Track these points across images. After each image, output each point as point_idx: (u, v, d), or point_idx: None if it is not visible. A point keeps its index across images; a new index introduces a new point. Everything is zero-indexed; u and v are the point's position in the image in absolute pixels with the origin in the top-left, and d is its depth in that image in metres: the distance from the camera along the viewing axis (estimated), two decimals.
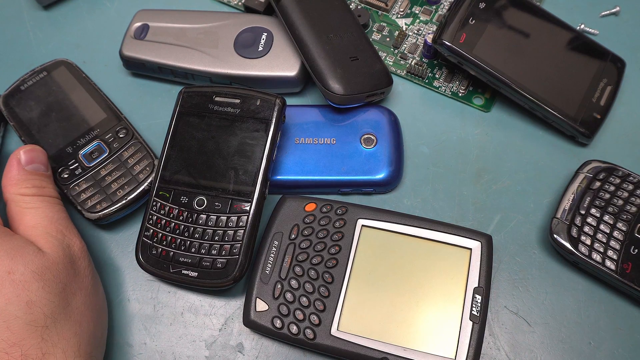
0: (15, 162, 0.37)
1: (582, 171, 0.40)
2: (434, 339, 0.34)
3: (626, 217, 0.38)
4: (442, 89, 0.46)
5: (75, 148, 0.41)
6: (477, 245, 0.37)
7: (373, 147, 0.41)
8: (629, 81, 0.46)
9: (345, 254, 0.37)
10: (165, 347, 0.38)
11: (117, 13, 0.51)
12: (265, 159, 0.37)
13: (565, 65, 0.43)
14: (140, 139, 0.42)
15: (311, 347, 0.35)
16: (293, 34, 0.43)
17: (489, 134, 0.44)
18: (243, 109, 0.39)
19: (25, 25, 0.50)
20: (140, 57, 0.45)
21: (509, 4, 0.44)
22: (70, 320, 0.32)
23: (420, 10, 0.49)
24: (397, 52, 0.47)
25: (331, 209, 0.38)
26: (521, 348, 0.37)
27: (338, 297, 0.36)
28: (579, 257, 0.37)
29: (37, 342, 0.30)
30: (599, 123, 0.43)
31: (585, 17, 0.49)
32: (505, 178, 0.43)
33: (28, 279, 0.31)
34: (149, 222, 0.38)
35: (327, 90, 0.41)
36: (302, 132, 0.42)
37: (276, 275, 0.37)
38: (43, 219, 0.35)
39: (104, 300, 0.37)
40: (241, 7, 0.50)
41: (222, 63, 0.44)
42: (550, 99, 0.42)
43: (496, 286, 0.39)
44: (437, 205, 0.42)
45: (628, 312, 0.38)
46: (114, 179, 0.40)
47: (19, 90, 0.43)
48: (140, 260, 0.38)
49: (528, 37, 0.43)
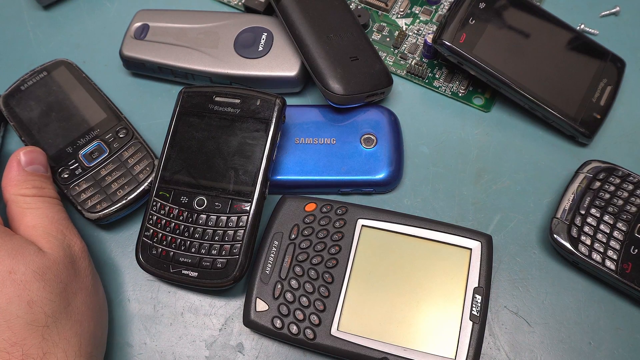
0: (15, 163, 0.37)
1: (582, 171, 0.40)
2: (434, 339, 0.35)
3: (626, 217, 0.38)
4: (442, 89, 0.46)
5: (75, 148, 0.41)
6: (477, 245, 0.37)
7: (373, 147, 0.41)
8: (629, 81, 0.46)
9: (345, 254, 0.37)
10: (165, 347, 0.38)
11: (117, 13, 0.51)
12: (265, 159, 0.37)
13: (565, 65, 0.43)
14: (140, 139, 0.42)
15: (311, 347, 0.35)
16: (293, 34, 0.43)
17: (489, 134, 0.44)
18: (243, 109, 0.39)
19: (25, 25, 0.50)
20: (140, 57, 0.45)
21: (509, 4, 0.44)
22: (71, 320, 0.32)
23: (420, 10, 0.49)
24: (397, 52, 0.47)
25: (331, 209, 0.38)
26: (521, 348, 0.37)
27: (338, 297, 0.36)
28: (579, 257, 0.37)
29: (38, 341, 0.31)
30: (599, 123, 0.43)
31: (585, 17, 0.49)
32: (505, 178, 0.43)
33: (29, 278, 0.31)
34: (149, 222, 0.38)
35: (327, 90, 0.41)
36: (302, 132, 0.42)
37: (276, 275, 0.37)
38: (43, 219, 0.35)
39: (105, 300, 0.37)
40: (241, 7, 0.50)
41: (222, 63, 0.44)
42: (550, 99, 0.42)
43: (496, 286, 0.39)
44: (437, 205, 0.42)
45: (628, 312, 0.38)
46: (114, 179, 0.40)
47: (19, 90, 0.43)
48: (140, 260, 0.38)
49: (528, 37, 0.43)
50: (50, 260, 0.33)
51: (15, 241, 0.33)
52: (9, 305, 0.31)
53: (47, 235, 0.34)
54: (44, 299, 0.31)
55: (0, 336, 0.30)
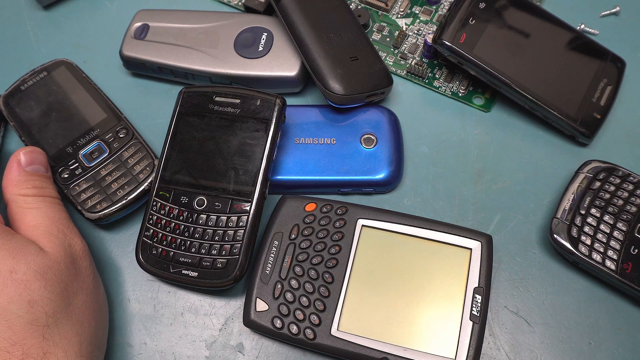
0: (15, 163, 0.37)
1: (582, 171, 0.40)
2: (434, 339, 0.35)
3: (626, 217, 0.38)
4: (442, 89, 0.46)
5: (75, 148, 0.41)
6: (477, 245, 0.37)
7: (373, 147, 0.41)
8: (629, 81, 0.46)
9: (345, 254, 0.37)
10: (165, 347, 0.38)
11: (117, 13, 0.51)
12: (265, 159, 0.37)
13: (565, 65, 0.43)
14: (140, 139, 0.42)
15: (311, 347, 0.35)
16: (293, 34, 0.43)
17: (489, 134, 0.44)
18: (243, 109, 0.39)
19: (25, 25, 0.50)
20: (140, 57, 0.45)
21: (509, 4, 0.44)
22: (72, 319, 0.32)
23: (420, 10, 0.49)
24: (397, 52, 0.47)
25: (331, 209, 0.38)
26: (521, 348, 0.37)
27: (338, 297, 0.36)
28: (579, 257, 0.37)
29: (39, 341, 0.31)
30: (599, 123, 0.43)
31: (585, 17, 0.49)
32: (505, 178, 0.43)
33: (30, 278, 0.31)
34: (149, 222, 0.38)
35: (327, 90, 0.41)
36: (302, 132, 0.42)
37: (276, 275, 0.37)
38: (44, 219, 0.35)
39: (105, 300, 0.37)
40: (241, 7, 0.50)
41: (222, 63, 0.44)
42: (551, 99, 0.42)
43: (496, 286, 0.39)
44: (437, 205, 0.42)
45: (628, 312, 0.38)
46: (114, 179, 0.40)
47: (19, 90, 0.43)
48: (140, 260, 0.38)
49: (528, 37, 0.43)
50: (51, 259, 0.33)
51: (17, 241, 0.33)
52: (10, 304, 0.31)
53: (48, 235, 0.34)
54: (44, 299, 0.31)
55: (1, 335, 0.30)
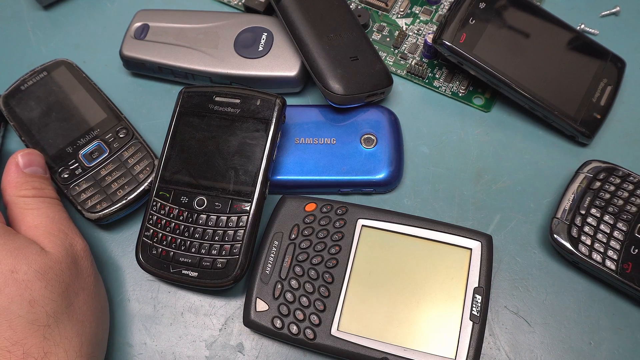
0: (14, 165, 0.37)
1: (582, 171, 0.40)
2: (434, 339, 0.35)
3: (626, 217, 0.38)
4: (442, 89, 0.46)
5: (75, 148, 0.41)
6: (477, 245, 0.37)
7: (373, 147, 0.41)
8: (629, 81, 0.46)
9: (345, 254, 0.37)
10: (165, 347, 0.38)
11: (117, 13, 0.51)
12: (265, 159, 0.37)
13: (565, 65, 0.43)
14: (140, 139, 0.42)
15: (311, 347, 0.35)
16: (293, 34, 0.43)
17: (489, 134, 0.44)
18: (243, 109, 0.39)
19: (25, 25, 0.50)
20: (140, 57, 0.45)
21: (509, 4, 0.44)
22: (73, 319, 0.32)
23: (420, 10, 0.49)
24: (397, 52, 0.47)
25: (331, 209, 0.38)
26: (521, 348, 0.37)
27: (338, 297, 0.36)
28: (579, 257, 0.37)
29: (39, 341, 0.31)
30: (599, 123, 0.43)
31: (585, 17, 0.49)
32: (505, 178, 0.43)
33: (31, 278, 0.32)
34: (149, 222, 0.38)
35: (327, 90, 0.41)
36: (302, 132, 0.42)
37: (276, 275, 0.37)
38: (44, 219, 0.35)
39: (106, 300, 0.37)
40: (241, 7, 0.50)
41: (222, 63, 0.44)
42: (551, 99, 0.42)
43: (496, 286, 0.39)
44: (437, 205, 0.42)
45: (628, 312, 0.38)
46: (114, 179, 0.40)
47: (19, 90, 0.43)
48: (140, 260, 0.38)
49: (528, 37, 0.43)
50: (52, 259, 0.33)
51: (18, 241, 0.33)
52: (11, 304, 0.31)
53: (49, 235, 0.34)
54: (45, 299, 0.32)
55: (2, 335, 0.30)
